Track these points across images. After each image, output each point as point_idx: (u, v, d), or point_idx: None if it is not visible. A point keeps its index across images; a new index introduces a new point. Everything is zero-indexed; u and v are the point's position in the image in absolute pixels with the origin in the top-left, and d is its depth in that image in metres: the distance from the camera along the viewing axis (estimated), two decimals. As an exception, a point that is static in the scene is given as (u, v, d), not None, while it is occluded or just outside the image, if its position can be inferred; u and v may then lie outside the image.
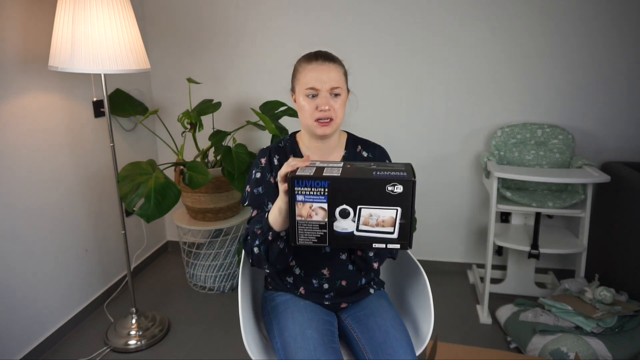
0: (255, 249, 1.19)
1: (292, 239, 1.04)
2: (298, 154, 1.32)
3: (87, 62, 1.67)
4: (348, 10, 2.45)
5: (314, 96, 1.23)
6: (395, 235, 1.00)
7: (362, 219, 0.99)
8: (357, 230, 1.00)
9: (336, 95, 1.23)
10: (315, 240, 1.03)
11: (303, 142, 1.34)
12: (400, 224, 0.99)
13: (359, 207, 0.99)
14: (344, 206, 0.99)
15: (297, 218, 1.02)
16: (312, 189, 1.00)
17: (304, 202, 1.01)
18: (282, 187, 1.06)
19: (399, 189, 0.97)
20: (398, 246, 1.01)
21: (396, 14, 2.42)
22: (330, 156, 1.33)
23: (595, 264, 2.30)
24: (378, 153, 1.36)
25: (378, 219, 0.99)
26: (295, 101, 1.30)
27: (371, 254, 1.23)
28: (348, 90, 1.32)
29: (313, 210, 1.01)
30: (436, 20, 2.40)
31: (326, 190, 0.99)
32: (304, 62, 1.26)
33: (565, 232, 2.36)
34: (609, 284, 2.11)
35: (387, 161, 1.37)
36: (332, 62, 1.24)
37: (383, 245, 1.01)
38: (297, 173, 1.00)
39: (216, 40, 2.61)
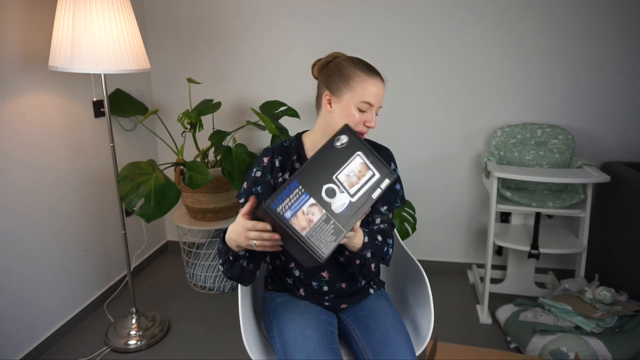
0: (221, 267, 1.19)
1: (316, 257, 0.96)
2: (302, 155, 1.31)
3: (87, 62, 1.67)
4: (348, 11, 2.45)
5: (364, 110, 1.21)
6: (378, 174, 1.03)
7: (345, 184, 1.00)
8: (352, 196, 1.01)
9: (378, 112, 1.25)
10: (334, 237, 0.97)
11: (309, 143, 1.32)
12: (372, 163, 1.03)
13: (334, 177, 1.00)
14: (325, 186, 0.99)
15: (303, 232, 0.96)
16: (291, 196, 0.97)
17: (294, 213, 0.96)
18: (245, 218, 1.04)
19: (344, 138, 1.03)
20: (388, 180, 1.04)
21: (396, 14, 2.42)
22: None
23: (595, 264, 2.30)
24: (384, 156, 1.36)
25: (356, 173, 1.02)
26: (329, 102, 1.23)
27: (368, 254, 1.18)
28: None
29: (308, 214, 0.97)
30: (436, 21, 2.40)
31: (301, 188, 0.98)
32: (364, 73, 1.20)
33: (565, 232, 2.36)
34: (609, 284, 2.11)
35: (392, 164, 1.36)
36: (384, 82, 1.24)
37: (380, 190, 1.03)
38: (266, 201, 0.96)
39: (216, 40, 2.61)
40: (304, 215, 0.97)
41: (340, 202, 1.00)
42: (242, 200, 1.30)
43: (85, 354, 2.00)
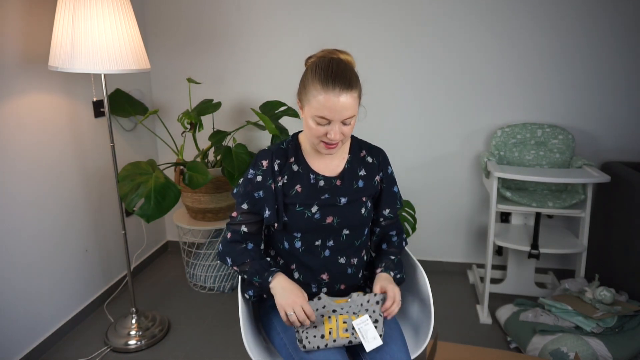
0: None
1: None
2: (300, 156, 1.30)
3: (87, 62, 1.67)
4: (349, 10, 2.45)
5: (323, 124, 1.16)
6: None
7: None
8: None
9: (348, 121, 1.16)
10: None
11: (306, 144, 1.32)
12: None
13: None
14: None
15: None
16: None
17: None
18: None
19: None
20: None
21: (396, 15, 2.42)
22: (332, 160, 1.30)
23: (595, 264, 2.30)
24: (382, 158, 1.35)
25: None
26: (300, 109, 1.22)
27: (398, 276, 1.32)
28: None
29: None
30: (436, 21, 2.40)
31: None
32: (319, 85, 1.12)
33: (565, 232, 2.36)
34: (609, 284, 2.11)
35: (389, 166, 1.37)
36: (349, 91, 1.12)
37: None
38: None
39: (216, 40, 2.61)
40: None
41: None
42: (245, 207, 1.28)
43: (85, 354, 2.00)
